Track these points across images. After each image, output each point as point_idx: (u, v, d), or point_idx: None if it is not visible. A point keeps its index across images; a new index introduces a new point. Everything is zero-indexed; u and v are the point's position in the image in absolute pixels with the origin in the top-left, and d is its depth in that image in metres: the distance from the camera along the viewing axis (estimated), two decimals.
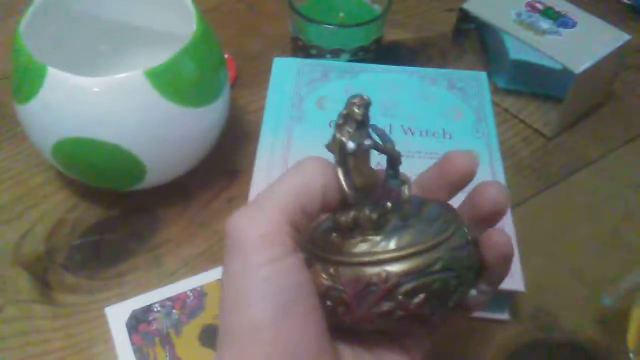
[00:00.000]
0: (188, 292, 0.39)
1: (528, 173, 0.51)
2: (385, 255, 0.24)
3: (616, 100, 0.57)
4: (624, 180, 0.51)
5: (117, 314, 0.38)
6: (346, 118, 0.26)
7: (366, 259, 0.25)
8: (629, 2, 0.67)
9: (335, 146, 0.25)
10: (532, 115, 0.54)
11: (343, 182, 0.25)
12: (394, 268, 0.24)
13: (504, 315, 0.41)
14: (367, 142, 0.25)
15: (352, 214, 0.26)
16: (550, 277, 0.44)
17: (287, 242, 0.24)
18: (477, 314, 0.41)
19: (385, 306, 0.24)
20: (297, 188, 0.25)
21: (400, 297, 0.24)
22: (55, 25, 0.46)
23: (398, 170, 0.27)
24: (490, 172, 0.44)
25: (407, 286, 0.24)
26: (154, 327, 0.38)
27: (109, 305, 0.40)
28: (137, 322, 0.38)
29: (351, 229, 0.26)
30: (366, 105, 0.26)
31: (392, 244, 0.25)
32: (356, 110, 0.25)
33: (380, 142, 0.27)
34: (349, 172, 0.25)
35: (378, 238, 0.25)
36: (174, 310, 0.38)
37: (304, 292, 0.24)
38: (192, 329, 0.38)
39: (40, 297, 0.42)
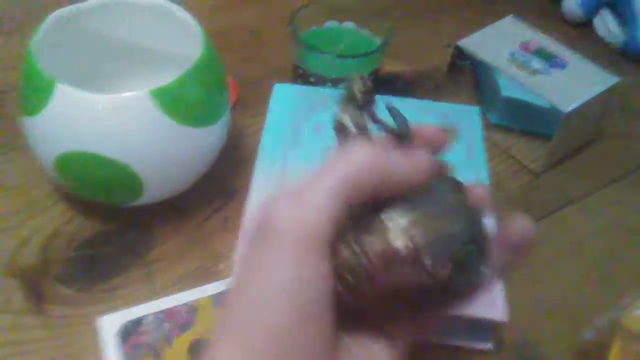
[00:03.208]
0: (180, 307, 0.40)
1: (515, 208, 0.52)
2: (404, 221, 0.24)
3: (604, 140, 0.59)
4: (608, 219, 0.52)
5: (109, 325, 0.39)
6: (348, 100, 0.27)
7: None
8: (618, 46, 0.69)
9: (337, 127, 0.27)
10: (521, 151, 0.56)
11: None
12: (420, 237, 0.24)
13: (488, 346, 0.42)
14: (367, 123, 0.27)
15: None
16: (533, 309, 0.45)
17: (324, 248, 0.23)
18: (461, 343, 0.41)
19: (411, 275, 0.24)
20: (346, 183, 0.24)
21: (427, 265, 0.24)
22: (65, 42, 0.47)
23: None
24: None
25: (434, 254, 0.24)
26: (144, 339, 0.38)
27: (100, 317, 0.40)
28: (128, 333, 0.38)
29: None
30: (368, 90, 0.27)
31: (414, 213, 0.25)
32: (357, 95, 0.27)
33: (391, 122, 0.28)
34: None
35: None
36: (165, 323, 0.39)
37: (322, 307, 0.23)
38: (182, 342, 0.38)
39: (33, 307, 0.42)
